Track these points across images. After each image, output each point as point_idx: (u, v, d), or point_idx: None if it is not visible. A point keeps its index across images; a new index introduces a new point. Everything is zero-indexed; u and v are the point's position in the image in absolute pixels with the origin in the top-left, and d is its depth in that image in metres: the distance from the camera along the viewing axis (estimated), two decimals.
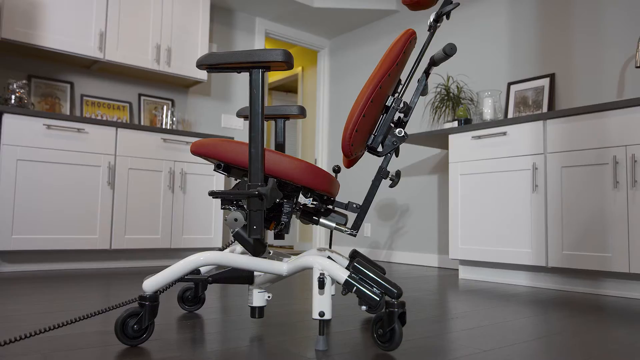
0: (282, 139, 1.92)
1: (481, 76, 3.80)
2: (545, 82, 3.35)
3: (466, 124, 3.43)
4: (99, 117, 3.78)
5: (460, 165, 3.17)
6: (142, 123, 3.94)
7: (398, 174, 1.55)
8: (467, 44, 3.91)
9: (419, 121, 4.23)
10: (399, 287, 1.34)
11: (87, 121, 3.20)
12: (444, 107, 3.78)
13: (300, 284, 2.72)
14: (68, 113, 3.63)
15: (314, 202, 1.58)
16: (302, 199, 4.03)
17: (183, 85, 4.18)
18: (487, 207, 3.02)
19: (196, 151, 1.48)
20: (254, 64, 1.36)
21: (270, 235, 6.62)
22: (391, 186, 1.55)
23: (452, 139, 3.22)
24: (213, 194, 1.41)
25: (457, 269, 3.78)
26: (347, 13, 4.58)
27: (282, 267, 1.47)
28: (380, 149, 1.56)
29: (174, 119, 4.01)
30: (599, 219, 2.53)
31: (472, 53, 3.87)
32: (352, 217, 4.67)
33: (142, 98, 4.03)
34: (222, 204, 1.55)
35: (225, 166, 1.47)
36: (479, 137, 3.05)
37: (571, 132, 2.66)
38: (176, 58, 3.83)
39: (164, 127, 3.87)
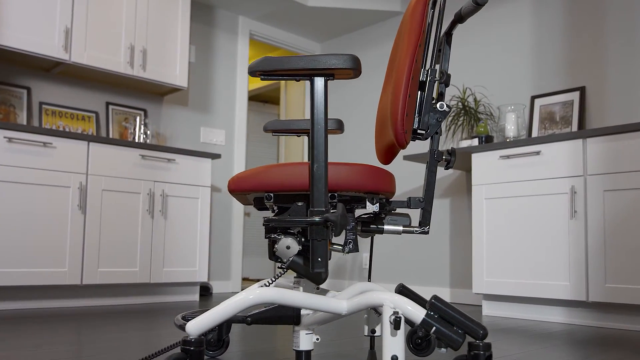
0: None
1: (501, 88, 3.90)
2: (574, 96, 3.47)
3: (487, 141, 3.51)
4: (61, 129, 3.69)
5: (485, 188, 3.23)
6: (110, 136, 3.87)
7: (453, 152, 1.54)
8: (485, 52, 4.03)
9: None
10: (483, 327, 1.35)
11: (55, 134, 3.13)
12: (460, 122, 3.87)
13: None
14: (25, 123, 3.54)
15: (373, 211, 1.58)
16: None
17: (158, 92, 4.15)
18: (518, 235, 3.08)
19: (238, 188, 1.46)
20: (316, 72, 1.38)
21: (259, 266, 6.55)
22: (447, 167, 1.55)
23: (476, 158, 3.28)
24: (269, 222, 1.40)
25: (476, 305, 3.83)
26: (344, 13, 4.66)
27: (342, 305, 1.46)
28: (423, 130, 1.56)
29: (148, 132, 3.95)
30: None
31: (490, 62, 3.98)
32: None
33: (111, 107, 3.96)
34: (266, 233, 1.54)
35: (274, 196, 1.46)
36: (508, 156, 3.13)
37: (615, 152, 2.76)
38: (152, 61, 3.80)
39: (136, 141, 3.81)
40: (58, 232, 3.11)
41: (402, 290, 1.89)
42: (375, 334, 1.82)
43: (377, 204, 1.49)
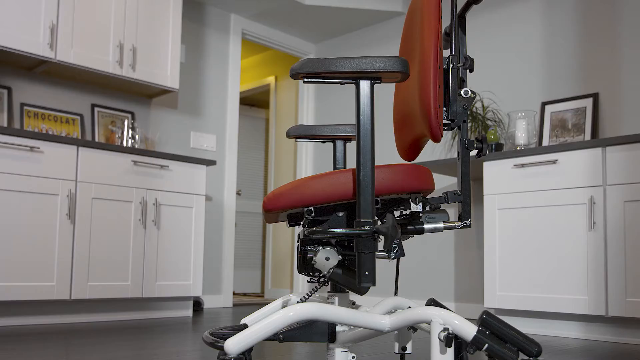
0: (342, 164, 1.93)
1: (510, 94, 3.95)
2: (587, 102, 3.53)
3: (497, 149, 3.55)
4: (44, 132, 3.64)
5: (498, 198, 3.27)
6: (96, 140, 3.82)
7: (483, 139, 1.53)
8: (493, 56, 4.08)
9: (431, 145, 4.33)
10: (538, 344, 1.36)
11: (43, 138, 3.08)
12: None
13: None
14: (6, 126, 3.47)
15: (402, 212, 1.57)
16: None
17: (146, 94, 4.11)
18: (533, 247, 3.11)
19: (276, 206, 1.45)
20: (363, 74, 1.38)
21: (246, 279, 6.50)
22: (479, 155, 1.54)
23: (488, 167, 3.32)
24: (312, 233, 1.39)
25: None
26: (343, 13, 4.68)
27: (384, 321, 1.46)
28: (449, 121, 1.56)
29: (136, 136, 3.91)
30: None
31: (498, 67, 4.03)
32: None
33: (96, 110, 3.92)
34: (301, 245, 1.53)
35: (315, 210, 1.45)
36: (522, 165, 3.16)
37: (636, 161, 2.81)
38: (142, 60, 3.77)
39: (124, 145, 3.77)
40: (45, 243, 3.06)
41: (434, 304, 1.89)
42: (406, 352, 1.82)
43: (420, 204, 1.49)
